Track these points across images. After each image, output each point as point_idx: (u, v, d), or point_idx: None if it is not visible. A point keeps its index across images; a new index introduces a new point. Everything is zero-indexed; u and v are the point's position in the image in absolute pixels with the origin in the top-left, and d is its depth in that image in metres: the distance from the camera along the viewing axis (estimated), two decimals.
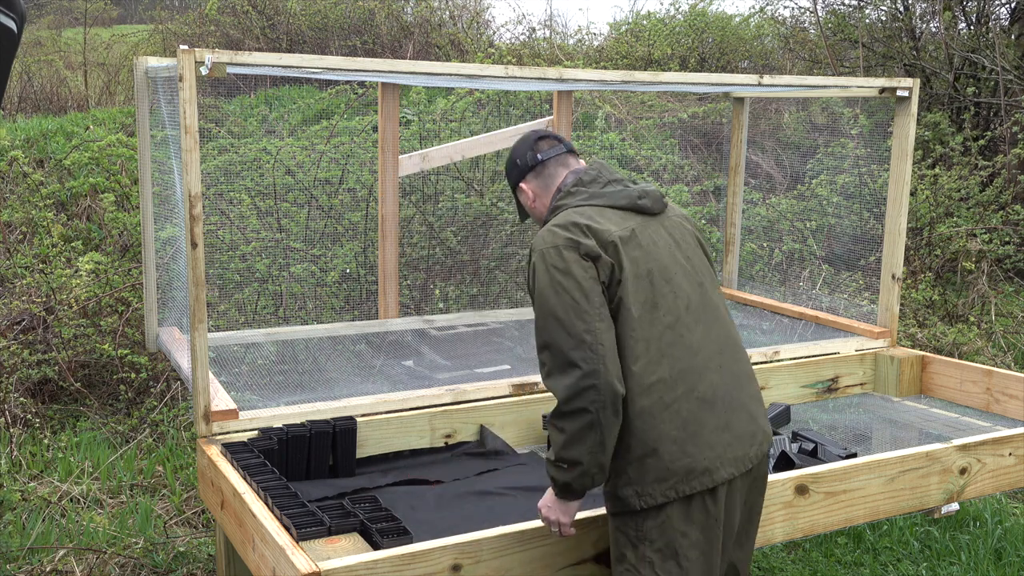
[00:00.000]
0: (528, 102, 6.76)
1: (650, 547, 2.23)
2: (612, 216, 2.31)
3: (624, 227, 2.29)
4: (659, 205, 2.40)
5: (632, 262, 2.25)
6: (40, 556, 3.67)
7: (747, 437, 2.30)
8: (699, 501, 2.23)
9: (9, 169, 6.55)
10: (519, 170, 2.53)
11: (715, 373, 2.28)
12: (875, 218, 6.83)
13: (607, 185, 2.40)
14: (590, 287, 2.18)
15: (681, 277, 2.31)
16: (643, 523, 2.23)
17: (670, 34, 11.77)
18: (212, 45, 9.82)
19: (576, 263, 2.19)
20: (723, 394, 2.28)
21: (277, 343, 3.90)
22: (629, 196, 2.36)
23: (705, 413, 2.24)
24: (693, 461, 2.21)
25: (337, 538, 2.44)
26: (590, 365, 2.12)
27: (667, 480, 2.20)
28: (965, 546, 3.96)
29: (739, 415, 2.30)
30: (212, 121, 7.05)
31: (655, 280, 2.26)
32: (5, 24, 2.51)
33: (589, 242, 2.22)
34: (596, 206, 2.34)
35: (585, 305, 2.16)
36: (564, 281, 2.18)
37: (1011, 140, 8.21)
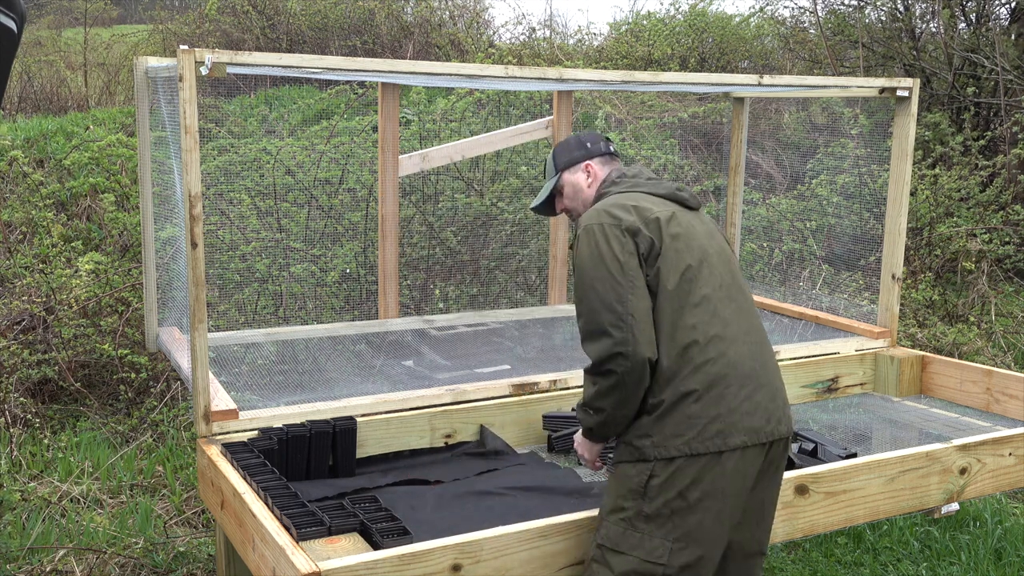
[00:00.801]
0: (528, 102, 6.77)
1: (649, 504, 2.30)
2: (654, 200, 2.51)
3: (666, 209, 2.48)
4: (695, 201, 2.60)
5: (672, 237, 2.41)
6: (40, 556, 3.68)
7: (765, 413, 2.37)
8: (709, 463, 2.29)
9: (9, 169, 6.55)
10: (587, 151, 2.73)
11: (743, 347, 2.39)
12: (875, 218, 6.84)
13: (648, 179, 2.62)
14: (626, 260, 2.34)
15: (716, 260, 2.46)
16: (650, 478, 2.31)
17: (670, 34, 11.77)
18: (212, 45, 9.82)
19: (616, 239, 2.36)
20: (749, 368, 2.38)
21: (277, 343, 3.90)
22: (668, 188, 2.58)
23: (732, 378, 2.34)
24: (711, 420, 2.30)
25: (337, 538, 2.44)
26: (621, 333, 2.29)
27: (683, 435, 2.29)
28: (965, 546, 3.96)
29: (762, 391, 2.38)
30: (212, 121, 7.05)
31: (693, 256, 2.41)
32: (5, 24, 2.51)
33: (631, 218, 2.40)
34: (639, 192, 2.55)
35: (620, 278, 2.33)
36: (604, 254, 2.36)
37: (1011, 140, 8.21)
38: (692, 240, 2.44)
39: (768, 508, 2.51)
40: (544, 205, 2.82)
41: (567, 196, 2.74)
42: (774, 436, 2.38)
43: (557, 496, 2.88)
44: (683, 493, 2.29)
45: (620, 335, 2.29)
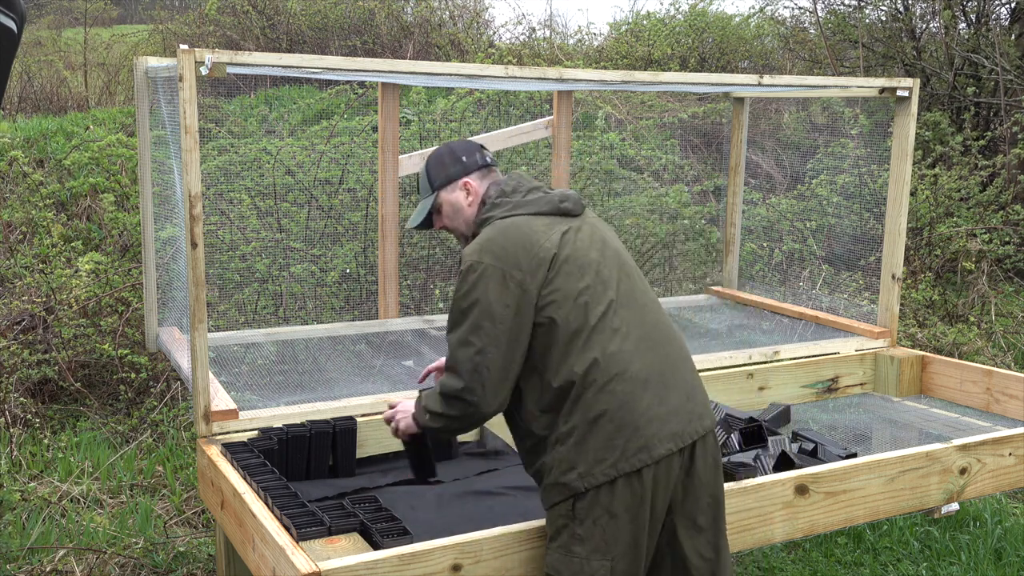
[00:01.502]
0: (528, 102, 6.77)
1: (580, 526, 2.30)
2: (538, 224, 2.41)
3: (552, 231, 2.39)
4: (579, 207, 2.50)
5: (563, 263, 2.36)
6: (40, 556, 3.67)
7: (684, 414, 2.35)
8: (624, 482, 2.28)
9: (9, 169, 6.55)
10: (463, 166, 2.57)
11: (646, 355, 2.36)
12: (875, 218, 6.83)
13: (528, 193, 2.48)
14: (500, 312, 2.30)
15: (607, 270, 2.41)
16: (576, 501, 2.30)
17: (670, 34, 11.77)
18: (212, 45, 9.82)
19: (495, 286, 2.31)
20: (656, 374, 2.35)
21: (277, 343, 3.90)
22: (551, 201, 2.46)
23: (639, 391, 2.31)
24: (629, 438, 2.28)
25: (337, 538, 2.44)
26: (473, 383, 2.31)
27: (606, 459, 2.27)
28: (965, 546, 3.96)
29: (675, 393, 2.36)
30: (212, 121, 7.05)
31: (585, 276, 2.36)
32: (5, 24, 2.51)
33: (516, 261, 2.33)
34: (522, 215, 2.43)
35: (489, 328, 2.30)
36: (480, 299, 2.31)
37: (1011, 140, 8.21)
38: (583, 258, 2.38)
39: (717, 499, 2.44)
40: (424, 223, 2.65)
41: (446, 215, 2.60)
42: (697, 434, 2.36)
43: None
44: (609, 509, 2.28)
45: (471, 383, 2.31)
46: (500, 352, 2.30)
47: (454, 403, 2.36)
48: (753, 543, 2.84)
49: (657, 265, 6.51)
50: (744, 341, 4.29)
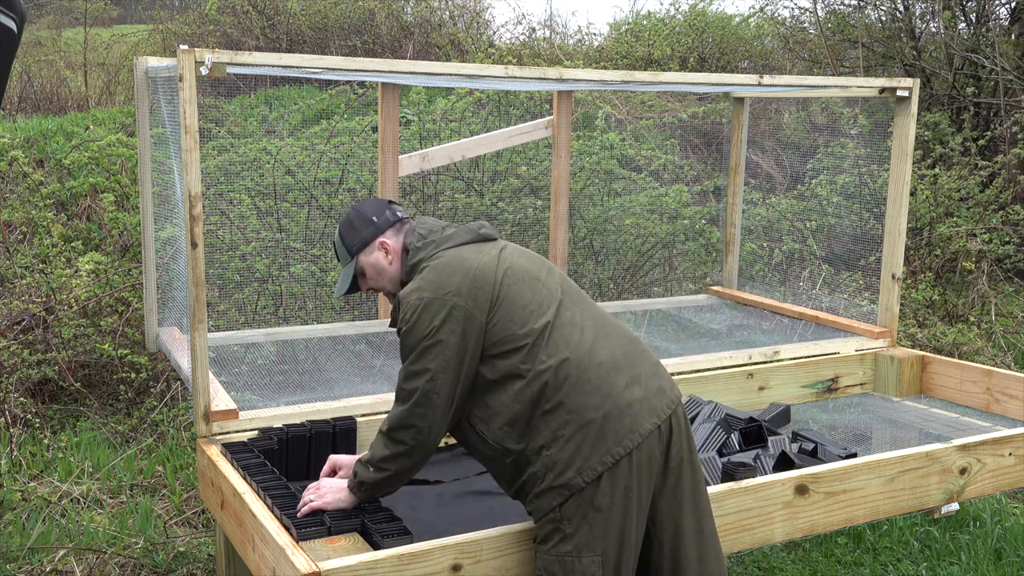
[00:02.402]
0: (528, 102, 6.76)
1: (568, 524, 2.33)
2: (467, 252, 2.49)
3: (482, 255, 2.47)
4: (494, 232, 2.61)
5: (505, 276, 2.44)
6: (40, 556, 3.68)
7: (655, 388, 2.42)
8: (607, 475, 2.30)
9: (9, 169, 6.54)
10: (375, 227, 2.61)
11: (607, 341, 2.44)
12: (875, 218, 6.84)
13: (444, 230, 2.57)
14: (446, 339, 2.35)
15: (545, 274, 2.52)
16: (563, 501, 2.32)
17: (670, 34, 11.77)
18: (212, 45, 9.82)
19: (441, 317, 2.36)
20: (622, 356, 2.43)
21: (277, 343, 3.90)
22: (470, 230, 2.56)
23: (613, 375, 2.38)
24: (617, 423, 2.32)
25: (337, 538, 2.44)
26: (422, 409, 2.36)
27: (600, 447, 2.31)
28: (965, 546, 3.96)
29: (642, 371, 2.43)
30: (212, 121, 7.05)
31: (527, 283, 2.46)
32: (5, 24, 2.51)
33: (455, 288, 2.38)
34: (449, 248, 2.50)
35: (438, 354, 2.35)
36: (427, 330, 2.36)
37: (1011, 140, 8.21)
38: (520, 270, 2.47)
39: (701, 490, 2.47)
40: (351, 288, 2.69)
41: (370, 278, 2.64)
42: (672, 406, 2.41)
43: None
44: (593, 504, 2.30)
45: (422, 411, 2.36)
46: (448, 378, 2.36)
47: (404, 432, 2.38)
48: (753, 543, 2.84)
49: (657, 265, 6.51)
50: (744, 341, 4.29)
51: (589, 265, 6.11)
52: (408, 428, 2.38)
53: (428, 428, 2.37)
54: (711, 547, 2.47)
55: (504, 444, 2.38)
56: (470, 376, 2.40)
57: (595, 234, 6.15)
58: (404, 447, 2.40)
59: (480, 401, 2.42)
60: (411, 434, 2.38)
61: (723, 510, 2.71)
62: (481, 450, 2.47)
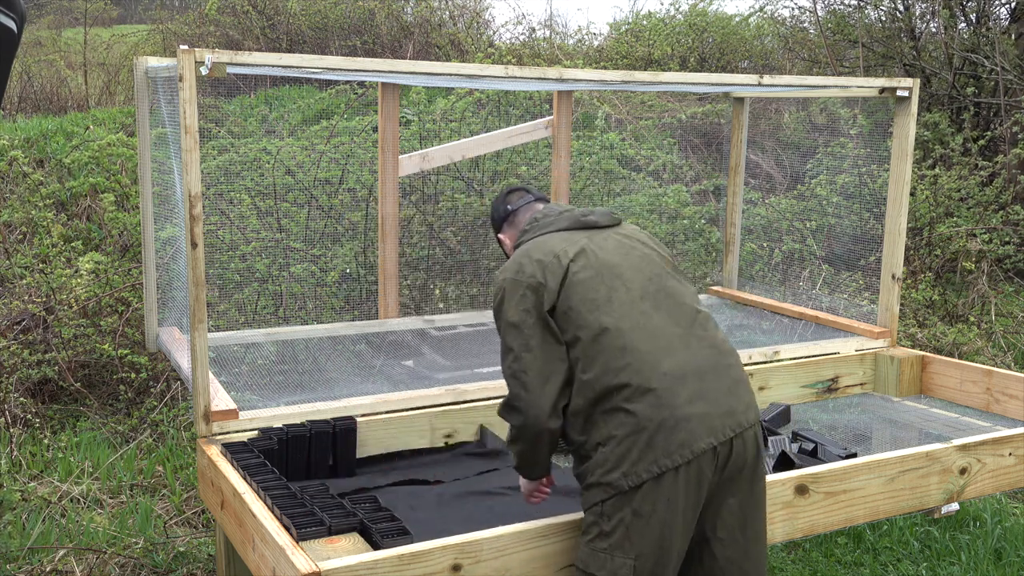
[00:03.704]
0: (528, 102, 6.76)
1: (607, 522, 2.34)
2: (557, 238, 2.55)
3: (570, 243, 2.52)
4: (607, 219, 2.63)
5: (581, 267, 2.47)
6: (40, 556, 3.67)
7: (724, 409, 2.37)
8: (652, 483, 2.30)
9: (9, 169, 6.54)
10: (496, 223, 2.85)
11: (682, 352, 2.40)
12: (875, 218, 6.83)
13: (559, 216, 2.63)
14: (522, 319, 2.43)
15: (631, 272, 2.50)
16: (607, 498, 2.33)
17: (670, 34, 11.77)
18: (212, 45, 9.81)
19: (516, 297, 2.45)
20: (692, 369, 2.38)
21: (277, 343, 3.90)
22: (572, 216, 2.62)
23: (676, 386, 2.34)
24: (670, 435, 2.30)
25: (337, 538, 2.44)
26: (516, 389, 2.42)
27: (647, 456, 2.29)
28: (965, 546, 3.96)
29: (713, 388, 2.38)
30: (212, 121, 7.05)
31: (605, 277, 2.46)
32: (5, 24, 2.51)
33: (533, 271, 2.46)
34: (545, 234, 2.59)
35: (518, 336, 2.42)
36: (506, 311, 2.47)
37: (1011, 140, 8.20)
38: (602, 263, 2.48)
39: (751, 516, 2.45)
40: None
41: (509, 250, 2.81)
42: (737, 429, 2.36)
43: (557, 496, 2.88)
44: (636, 510, 2.31)
45: (515, 391, 2.42)
46: (532, 355, 2.39)
47: (509, 413, 2.45)
48: None
49: None
50: (744, 341, 4.29)
51: None
52: (508, 409, 2.45)
53: (526, 407, 2.40)
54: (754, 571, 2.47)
55: (570, 433, 2.43)
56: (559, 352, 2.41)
57: None
58: (513, 430, 2.47)
59: None
60: (511, 415, 2.45)
61: None
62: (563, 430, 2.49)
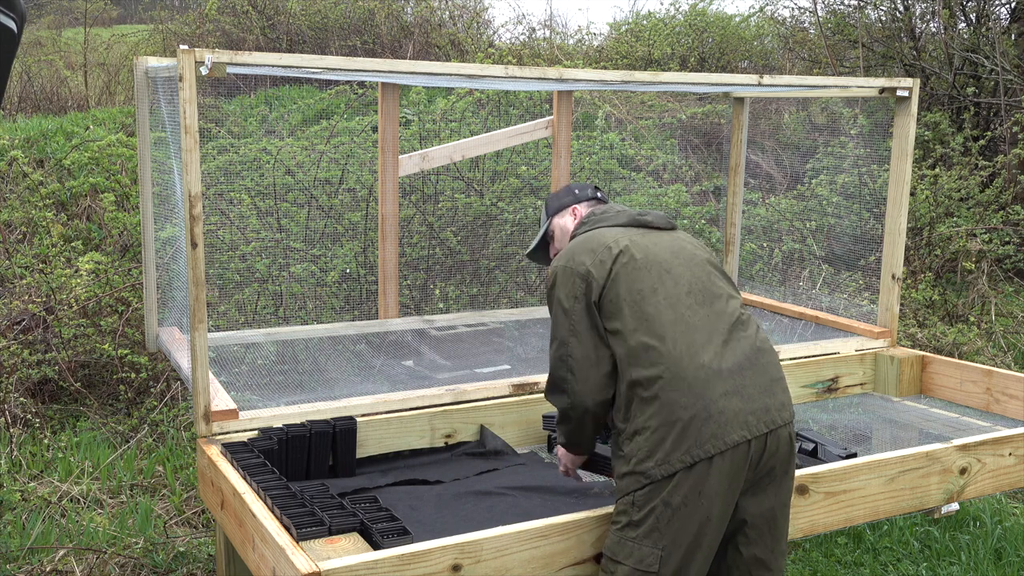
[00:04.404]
0: (528, 102, 6.76)
1: (637, 512, 2.38)
2: (612, 232, 2.61)
3: (623, 237, 2.58)
4: (663, 222, 2.69)
5: (630, 259, 2.51)
6: (40, 556, 3.68)
7: (760, 406, 2.41)
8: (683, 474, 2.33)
9: (9, 169, 6.54)
10: (575, 196, 2.88)
11: (721, 348, 2.44)
12: (875, 218, 6.83)
13: (617, 214, 2.71)
14: (571, 306, 2.49)
15: (680, 268, 2.55)
16: (639, 488, 2.37)
17: (670, 34, 11.77)
18: (212, 45, 9.81)
19: (567, 283, 2.51)
20: (731, 364, 2.42)
21: (277, 343, 3.90)
22: (629, 215, 2.69)
23: (713, 379, 2.38)
24: (703, 426, 2.34)
25: (337, 538, 2.44)
26: (562, 373, 2.50)
27: (681, 446, 2.33)
28: (965, 546, 3.96)
29: (752, 383, 2.42)
30: (212, 121, 7.05)
31: (653, 270, 2.51)
32: (5, 24, 2.51)
33: (585, 260, 2.52)
34: (601, 228, 2.65)
35: (566, 322, 2.50)
36: (557, 297, 2.53)
37: (1011, 140, 8.21)
38: (651, 256, 2.53)
39: (779, 517, 2.50)
40: (538, 252, 2.98)
41: (556, 239, 2.87)
42: (772, 425, 2.40)
43: (557, 496, 2.88)
44: (667, 500, 2.33)
45: (561, 374, 2.50)
46: (579, 340, 2.46)
47: (556, 396, 2.54)
48: None
49: None
50: None
51: None
52: (555, 391, 2.54)
53: (572, 391, 2.48)
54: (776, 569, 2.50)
55: (615, 419, 2.48)
56: (606, 341, 2.46)
57: None
58: (560, 406, 2.54)
59: None
60: (558, 397, 2.53)
61: None
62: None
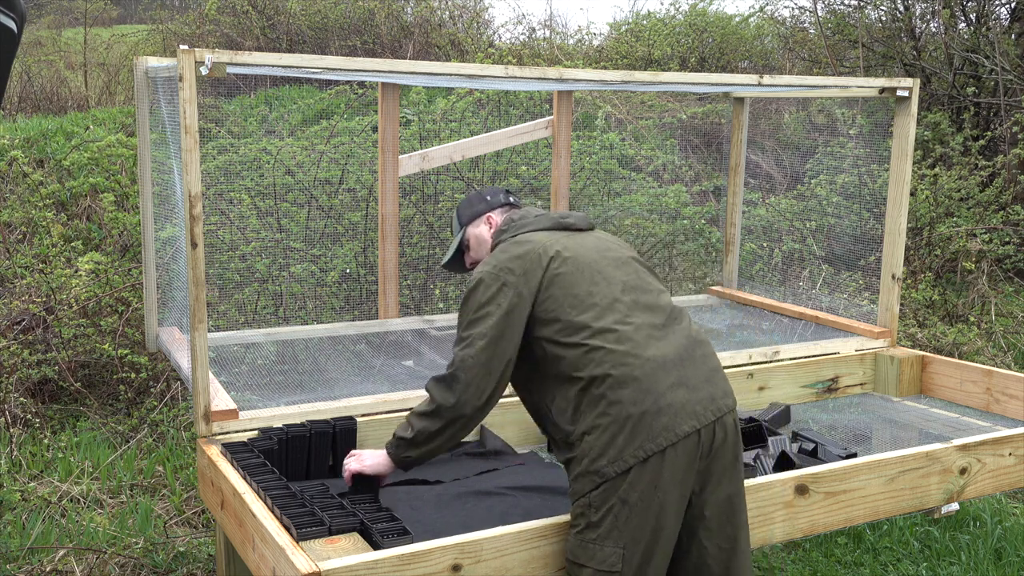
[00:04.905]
0: (528, 102, 6.77)
1: (595, 513, 2.36)
2: (538, 236, 2.60)
3: (551, 241, 2.57)
4: (584, 223, 2.70)
5: (562, 263, 2.51)
6: (40, 556, 3.67)
7: (704, 393, 2.42)
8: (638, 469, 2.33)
9: (9, 169, 6.54)
10: (487, 204, 2.83)
11: (661, 342, 2.45)
12: (875, 218, 6.83)
13: (537, 218, 2.70)
14: (490, 311, 2.45)
15: (611, 268, 2.56)
16: (593, 488, 2.36)
17: (670, 34, 11.78)
18: (212, 45, 9.81)
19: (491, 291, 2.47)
20: (673, 356, 2.43)
21: (277, 343, 3.90)
22: (551, 218, 2.69)
23: (659, 372, 2.39)
24: (654, 420, 2.34)
25: (337, 538, 2.44)
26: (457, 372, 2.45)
27: (633, 441, 2.33)
28: (965, 546, 3.96)
29: (694, 374, 2.43)
30: (212, 121, 7.05)
31: (586, 272, 2.51)
32: (5, 24, 2.51)
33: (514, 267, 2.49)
34: (524, 232, 2.64)
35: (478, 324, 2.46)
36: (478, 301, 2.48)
37: (1011, 140, 8.21)
38: (581, 258, 2.53)
39: (737, 504, 2.49)
40: (455, 262, 2.91)
41: (473, 249, 2.83)
42: (718, 413, 2.41)
43: (557, 496, 2.88)
44: (623, 497, 2.33)
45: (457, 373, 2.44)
46: (484, 344, 2.43)
47: (441, 390, 2.47)
48: (753, 543, 2.83)
49: (657, 265, 6.51)
50: (744, 341, 4.29)
51: None
52: (442, 386, 2.47)
53: (461, 390, 2.44)
54: (742, 561, 2.50)
55: (561, 424, 2.46)
56: (511, 354, 2.46)
57: None
58: (432, 406, 2.48)
59: (544, 378, 2.49)
60: (443, 393, 2.46)
61: None
62: (545, 425, 2.54)
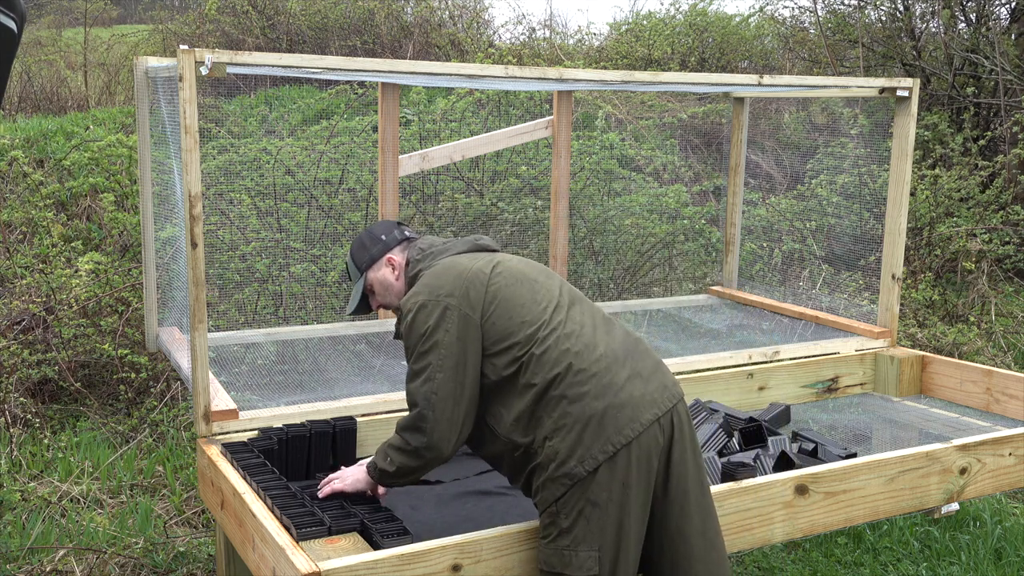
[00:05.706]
0: (528, 102, 6.77)
1: (565, 519, 2.34)
2: (463, 258, 2.58)
3: (477, 260, 2.56)
4: (496, 245, 2.72)
5: (501, 277, 2.50)
6: (40, 556, 3.68)
7: (657, 385, 2.44)
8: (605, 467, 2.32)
9: (9, 169, 6.54)
10: (384, 244, 2.71)
11: (607, 336, 2.48)
12: (875, 218, 6.83)
13: (453, 244, 2.66)
14: (440, 338, 2.40)
15: (542, 277, 2.58)
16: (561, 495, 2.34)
17: (670, 34, 11.78)
18: (212, 45, 9.82)
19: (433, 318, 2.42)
20: (622, 351, 2.45)
21: (277, 343, 3.90)
22: (467, 241, 2.67)
23: (616, 367, 2.41)
24: (619, 412, 2.34)
25: (337, 538, 2.44)
26: (424, 411, 2.39)
27: (601, 436, 2.33)
28: (965, 546, 3.96)
29: (643, 365, 2.46)
30: (212, 121, 7.05)
31: (524, 283, 2.51)
32: (5, 24, 2.51)
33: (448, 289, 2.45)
34: (446, 256, 2.60)
35: (433, 356, 2.40)
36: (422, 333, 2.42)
37: (1011, 140, 8.21)
38: (516, 272, 2.53)
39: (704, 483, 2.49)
40: (360, 306, 2.79)
41: (379, 294, 2.73)
42: (673, 400, 2.43)
43: None
44: (592, 499, 2.32)
45: (424, 412, 2.39)
46: (447, 377, 2.39)
47: (409, 434, 2.43)
48: (753, 543, 2.84)
49: (657, 265, 6.51)
50: (744, 341, 4.29)
51: (589, 265, 6.11)
52: (413, 430, 2.42)
53: (432, 428, 2.39)
54: (716, 549, 2.48)
55: (512, 438, 2.41)
56: (474, 375, 2.42)
57: (595, 234, 6.16)
58: (409, 447, 2.43)
59: (489, 398, 2.45)
60: (415, 436, 2.41)
61: (723, 510, 2.71)
62: (491, 447, 2.49)
